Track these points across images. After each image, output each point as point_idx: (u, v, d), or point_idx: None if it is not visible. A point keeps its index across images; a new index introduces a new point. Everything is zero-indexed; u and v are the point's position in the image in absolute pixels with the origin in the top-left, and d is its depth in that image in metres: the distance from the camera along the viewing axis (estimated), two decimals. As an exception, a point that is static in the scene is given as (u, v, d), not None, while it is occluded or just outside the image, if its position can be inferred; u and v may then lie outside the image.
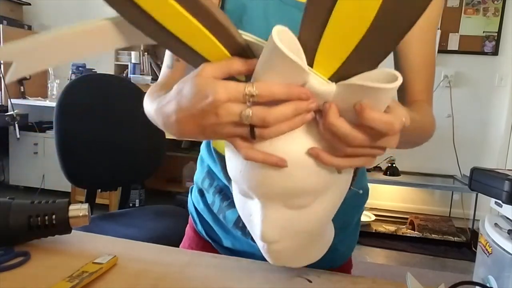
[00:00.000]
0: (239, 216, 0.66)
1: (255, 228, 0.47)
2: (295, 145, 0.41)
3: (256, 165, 0.42)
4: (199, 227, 0.76)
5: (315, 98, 0.39)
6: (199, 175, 0.76)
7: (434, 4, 0.60)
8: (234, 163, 0.45)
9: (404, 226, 3.10)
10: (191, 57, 0.42)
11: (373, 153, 0.41)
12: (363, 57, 0.38)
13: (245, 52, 0.41)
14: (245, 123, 0.39)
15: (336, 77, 0.40)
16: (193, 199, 0.78)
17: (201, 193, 0.75)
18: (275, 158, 0.40)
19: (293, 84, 0.39)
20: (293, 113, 0.39)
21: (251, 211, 0.48)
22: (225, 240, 0.71)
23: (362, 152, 0.40)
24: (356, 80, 0.38)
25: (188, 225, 0.81)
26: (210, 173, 0.73)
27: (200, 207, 0.75)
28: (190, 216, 0.80)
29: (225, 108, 0.39)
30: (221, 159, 0.67)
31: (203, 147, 0.76)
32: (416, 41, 0.62)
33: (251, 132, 0.40)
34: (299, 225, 0.46)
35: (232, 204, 0.68)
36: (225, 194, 0.69)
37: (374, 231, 3.00)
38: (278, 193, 0.43)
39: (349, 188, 0.49)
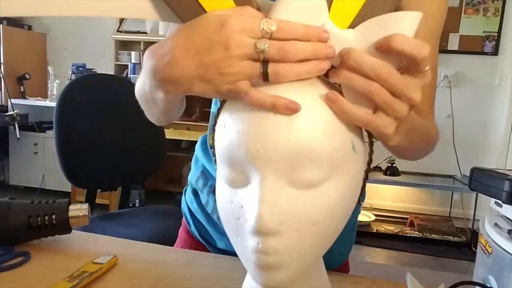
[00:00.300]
0: None
1: (248, 219, 0.37)
2: (307, 94, 0.37)
3: (260, 118, 0.36)
4: (192, 228, 0.75)
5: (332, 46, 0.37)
6: (193, 175, 0.76)
7: (438, 15, 0.59)
8: (230, 126, 0.38)
9: (404, 226, 3.10)
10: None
11: (396, 108, 0.37)
12: (380, 3, 0.37)
13: None
14: (259, 56, 0.35)
15: (354, 27, 0.38)
16: (187, 199, 0.77)
17: (195, 193, 0.75)
18: (286, 100, 0.35)
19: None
20: (311, 52, 0.36)
21: (242, 202, 0.38)
22: (218, 241, 0.71)
23: (385, 97, 0.36)
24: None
25: (181, 226, 0.80)
26: (205, 173, 0.73)
27: (194, 207, 0.74)
28: (183, 217, 0.79)
29: (238, 39, 0.35)
30: None
31: (198, 146, 0.76)
32: None
33: (264, 70, 0.36)
34: (305, 211, 0.37)
35: None
36: None
37: (374, 231, 3.00)
38: (283, 157, 0.36)
39: (358, 203, 0.45)
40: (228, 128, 0.38)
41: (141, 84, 0.47)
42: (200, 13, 0.38)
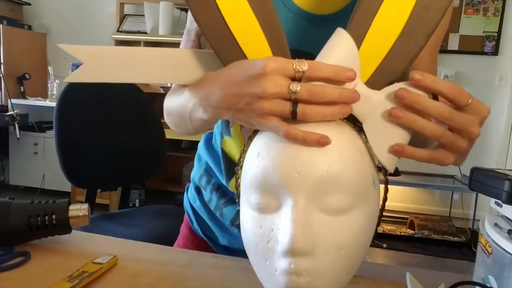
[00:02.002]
0: (236, 213, 0.66)
1: (281, 240, 0.38)
2: (334, 131, 0.40)
3: (295, 147, 0.39)
4: (195, 225, 0.76)
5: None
6: (196, 173, 0.77)
7: (441, 28, 0.61)
8: (265, 154, 0.41)
9: (404, 226, 3.10)
10: None
11: (458, 144, 0.41)
12: (397, 58, 0.42)
13: None
14: (291, 97, 0.39)
15: (372, 82, 0.42)
16: (189, 196, 0.78)
17: (198, 190, 0.75)
18: (316, 135, 0.38)
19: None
20: (339, 95, 0.39)
21: (273, 226, 0.40)
22: (221, 238, 0.71)
23: (449, 138, 0.40)
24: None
25: (183, 223, 0.81)
26: (208, 171, 0.73)
27: (197, 204, 0.75)
28: (185, 214, 0.80)
29: (273, 79, 0.39)
30: (227, 161, 0.67)
31: (201, 145, 0.77)
32: (424, 62, 0.62)
33: (293, 109, 0.39)
34: (334, 236, 0.39)
35: (229, 202, 0.68)
36: (223, 191, 0.69)
37: (374, 231, 3.00)
38: (316, 183, 0.38)
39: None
40: (263, 156, 0.41)
41: (183, 102, 0.52)
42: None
